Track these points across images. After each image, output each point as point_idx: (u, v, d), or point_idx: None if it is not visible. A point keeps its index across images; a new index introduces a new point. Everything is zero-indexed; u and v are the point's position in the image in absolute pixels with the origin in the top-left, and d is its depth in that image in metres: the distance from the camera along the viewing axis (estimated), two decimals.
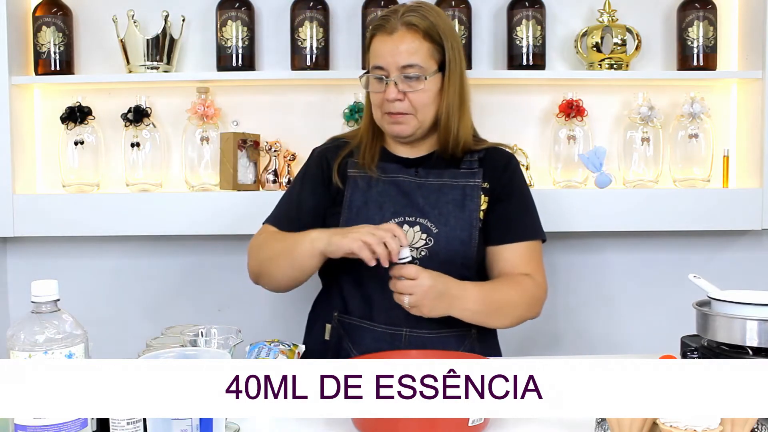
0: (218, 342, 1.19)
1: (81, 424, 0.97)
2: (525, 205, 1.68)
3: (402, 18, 1.55)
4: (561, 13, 2.29)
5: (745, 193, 2.20)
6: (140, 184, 2.21)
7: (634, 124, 2.24)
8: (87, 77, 2.22)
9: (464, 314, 1.52)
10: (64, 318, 0.97)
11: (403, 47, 1.54)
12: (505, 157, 1.69)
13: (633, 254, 2.36)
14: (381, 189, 1.62)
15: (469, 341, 1.62)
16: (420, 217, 1.58)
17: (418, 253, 1.56)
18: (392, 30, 1.56)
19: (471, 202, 1.60)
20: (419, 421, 1.05)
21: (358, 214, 1.59)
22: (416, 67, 1.55)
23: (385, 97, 1.57)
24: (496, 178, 1.64)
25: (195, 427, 0.95)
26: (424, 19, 1.56)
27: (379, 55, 1.57)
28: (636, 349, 2.30)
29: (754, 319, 1.32)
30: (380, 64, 1.57)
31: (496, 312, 1.56)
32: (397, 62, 1.55)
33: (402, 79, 1.55)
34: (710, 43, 2.21)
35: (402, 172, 1.63)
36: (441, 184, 1.62)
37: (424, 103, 1.57)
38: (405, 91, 1.56)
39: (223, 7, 2.19)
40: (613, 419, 1.02)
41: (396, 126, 1.59)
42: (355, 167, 1.65)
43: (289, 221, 1.63)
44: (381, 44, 1.57)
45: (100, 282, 2.32)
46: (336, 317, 1.63)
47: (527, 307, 1.60)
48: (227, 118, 2.26)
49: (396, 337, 1.57)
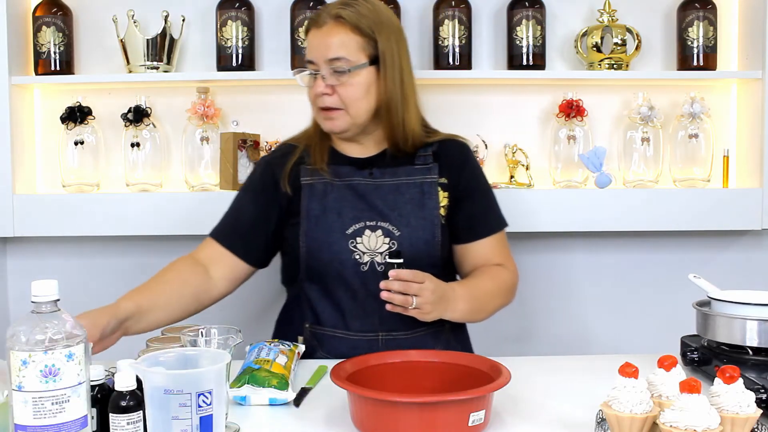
0: (218, 342, 1.19)
1: (81, 424, 0.97)
2: (488, 198, 1.67)
3: (331, 12, 1.54)
4: (561, 13, 2.29)
5: (745, 193, 2.20)
6: (140, 184, 2.21)
7: (634, 124, 2.24)
8: (87, 77, 2.22)
9: (455, 315, 1.51)
10: (64, 318, 0.97)
11: (331, 40, 1.53)
12: (461, 151, 1.66)
13: (633, 254, 2.36)
14: (337, 194, 1.58)
15: (444, 336, 1.62)
16: (381, 220, 1.56)
17: (383, 258, 1.54)
18: (322, 23, 1.55)
19: (430, 200, 1.58)
20: (419, 421, 1.06)
21: (317, 222, 1.56)
22: (343, 60, 1.52)
23: (314, 91, 1.56)
24: (454, 174, 1.62)
25: (195, 427, 0.95)
26: (355, 12, 1.53)
27: (310, 48, 1.57)
28: (636, 349, 2.30)
29: (754, 319, 1.32)
30: (311, 58, 1.56)
31: (481, 308, 1.57)
32: (325, 55, 1.53)
33: (330, 73, 1.53)
34: (710, 43, 2.21)
35: (356, 174, 1.60)
36: (397, 183, 1.59)
37: (354, 97, 1.54)
38: (333, 84, 1.53)
39: (223, 7, 2.19)
40: (613, 419, 1.02)
41: (328, 122, 1.57)
42: (308, 174, 1.61)
43: (227, 235, 1.61)
44: (312, 39, 1.57)
45: (100, 282, 2.32)
46: (308, 329, 1.60)
47: (504, 296, 1.63)
48: (227, 118, 2.26)
49: (372, 343, 1.55)
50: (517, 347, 2.33)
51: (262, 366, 1.29)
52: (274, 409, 1.24)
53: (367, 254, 1.55)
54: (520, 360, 1.49)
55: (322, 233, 1.55)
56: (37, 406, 0.94)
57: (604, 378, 1.16)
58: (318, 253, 1.55)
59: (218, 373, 0.97)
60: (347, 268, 1.54)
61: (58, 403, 0.94)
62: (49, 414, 0.94)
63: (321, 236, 1.55)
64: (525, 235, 2.27)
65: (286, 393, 1.25)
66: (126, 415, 1.02)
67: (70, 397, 0.95)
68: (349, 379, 1.16)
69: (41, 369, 0.93)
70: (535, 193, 2.19)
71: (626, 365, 1.04)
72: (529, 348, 2.33)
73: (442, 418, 1.06)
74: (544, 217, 2.17)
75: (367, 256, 1.55)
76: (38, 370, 0.93)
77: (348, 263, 1.54)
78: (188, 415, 0.95)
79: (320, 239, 1.55)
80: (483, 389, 1.09)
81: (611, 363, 1.18)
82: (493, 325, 2.31)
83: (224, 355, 1.02)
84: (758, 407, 1.01)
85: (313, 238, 1.55)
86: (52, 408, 0.94)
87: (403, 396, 1.08)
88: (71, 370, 0.95)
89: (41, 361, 0.93)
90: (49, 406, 0.94)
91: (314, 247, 1.55)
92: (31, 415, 0.94)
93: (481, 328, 2.20)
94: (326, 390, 1.31)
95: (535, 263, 2.34)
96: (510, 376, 1.14)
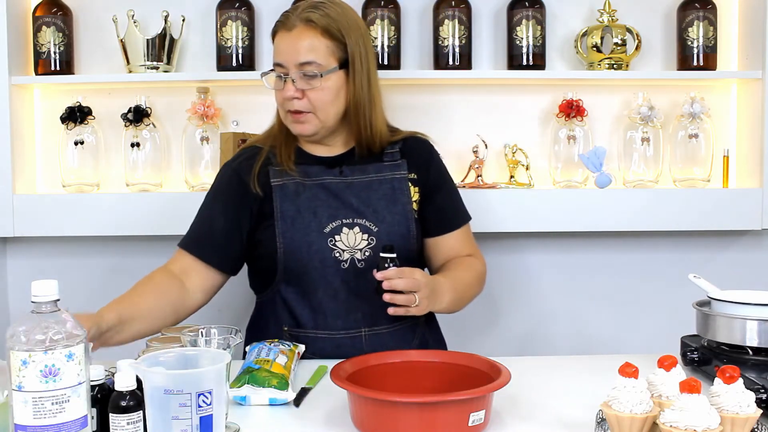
0: (218, 342, 1.19)
1: (81, 424, 0.97)
2: (453, 193, 1.70)
3: (301, 15, 1.52)
4: (561, 13, 2.29)
5: (745, 193, 2.20)
6: (140, 184, 2.21)
7: (634, 124, 2.24)
8: (87, 77, 2.22)
9: (441, 307, 1.53)
10: (64, 318, 0.97)
11: (301, 44, 1.51)
12: (426, 148, 1.69)
13: (633, 254, 2.36)
14: (310, 194, 1.57)
15: (420, 330, 1.64)
16: (357, 217, 1.56)
17: (362, 254, 1.55)
18: (291, 26, 1.52)
19: (402, 195, 1.60)
20: (419, 421, 1.06)
21: (293, 223, 1.55)
22: (314, 65, 1.51)
23: (282, 95, 1.55)
24: (422, 170, 1.64)
25: (195, 427, 0.95)
26: (324, 15, 1.52)
27: (279, 51, 1.55)
28: (636, 348, 2.30)
29: (754, 319, 1.32)
30: (279, 61, 1.54)
31: (461, 298, 1.59)
32: (295, 59, 1.51)
33: (300, 77, 1.51)
34: (710, 43, 2.21)
35: (326, 173, 1.59)
36: (369, 180, 1.60)
37: (324, 101, 1.53)
38: (303, 88, 1.52)
39: (223, 7, 2.19)
40: (613, 419, 1.02)
41: (297, 125, 1.56)
42: (277, 175, 1.59)
43: (201, 245, 1.59)
44: (280, 41, 1.55)
45: (100, 282, 2.32)
46: (286, 332, 1.59)
47: (479, 285, 1.67)
48: (227, 118, 2.26)
49: (356, 340, 1.56)
50: (517, 347, 2.33)
51: (262, 366, 1.29)
52: (274, 409, 1.24)
53: (347, 251, 1.55)
54: (520, 360, 1.49)
55: (299, 233, 1.54)
56: (37, 406, 0.94)
57: (604, 378, 1.16)
58: (297, 254, 1.54)
59: (218, 373, 0.97)
60: (327, 266, 1.54)
61: (58, 403, 0.94)
62: (49, 414, 0.94)
63: (298, 236, 1.54)
64: (525, 235, 2.28)
65: (286, 393, 1.25)
66: (126, 415, 1.02)
67: (70, 397, 0.95)
68: (349, 379, 1.16)
69: (41, 369, 0.93)
70: (535, 193, 2.19)
71: (626, 365, 1.04)
72: (529, 348, 2.33)
73: (442, 418, 1.06)
74: (544, 217, 2.17)
75: (347, 254, 1.55)
76: (38, 370, 0.93)
77: (328, 261, 1.54)
78: (188, 415, 0.95)
79: (298, 239, 1.54)
80: (483, 389, 1.09)
81: (611, 363, 1.18)
82: (494, 325, 2.32)
83: (224, 355, 1.02)
84: (758, 407, 1.01)
85: (291, 239, 1.54)
86: (52, 408, 0.94)
87: (403, 396, 1.08)
88: (71, 370, 0.95)
89: (41, 361, 0.93)
90: (49, 406, 0.94)
91: (292, 248, 1.54)
92: (31, 415, 0.94)
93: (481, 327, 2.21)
94: (326, 390, 1.31)
95: (535, 263, 2.34)
96: (510, 376, 1.14)
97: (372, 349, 1.47)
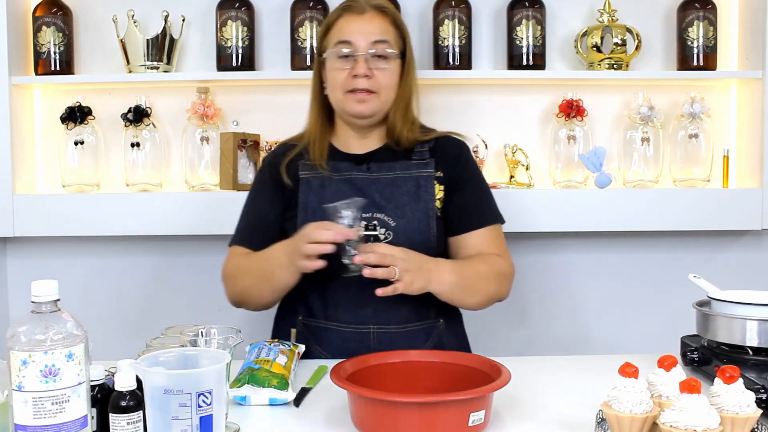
0: (218, 342, 1.19)
1: (81, 424, 0.97)
2: (481, 192, 1.67)
3: (370, 2, 1.60)
4: (561, 13, 2.29)
5: (745, 193, 2.20)
6: (140, 184, 2.21)
7: (634, 124, 2.24)
8: (87, 77, 2.22)
9: (442, 287, 1.48)
10: (64, 318, 0.97)
11: (374, 26, 1.58)
12: (457, 146, 1.68)
13: (633, 254, 2.36)
14: (335, 188, 1.60)
15: (437, 333, 1.61)
16: (377, 212, 1.57)
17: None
18: (362, 11, 1.59)
19: (426, 193, 1.59)
20: (419, 421, 1.06)
21: (314, 214, 1.57)
22: (387, 44, 1.57)
23: (354, 72, 1.56)
24: (449, 167, 1.64)
25: (195, 427, 0.95)
26: (391, 7, 1.62)
27: (348, 31, 1.58)
28: (636, 349, 2.30)
29: (754, 319, 1.32)
30: (348, 39, 1.57)
31: (471, 286, 1.54)
32: (368, 38, 1.56)
33: (370, 57, 1.56)
34: (710, 43, 2.21)
35: (354, 169, 1.62)
36: (394, 177, 1.61)
37: (389, 83, 1.58)
38: (373, 68, 1.57)
39: (223, 7, 2.19)
40: (613, 419, 1.02)
41: (360, 104, 1.58)
42: (306, 168, 1.63)
43: (255, 239, 1.62)
44: (349, 23, 1.59)
45: (100, 282, 2.32)
46: (300, 321, 1.62)
47: (498, 281, 1.58)
48: (227, 118, 2.26)
49: (364, 336, 1.56)
50: (518, 347, 2.33)
51: (262, 366, 1.29)
52: (274, 409, 1.24)
53: None
54: (520, 360, 1.49)
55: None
56: (37, 406, 0.94)
57: (604, 378, 1.16)
58: None
59: (218, 373, 0.97)
60: None
61: (58, 403, 0.94)
62: (49, 414, 0.94)
63: None
64: (525, 235, 2.27)
65: (286, 393, 1.25)
66: (126, 415, 1.02)
67: (70, 397, 0.95)
68: (349, 379, 1.16)
69: (41, 369, 0.93)
70: (535, 193, 2.19)
71: (626, 365, 1.04)
72: (529, 348, 2.33)
73: (442, 418, 1.06)
74: (544, 217, 2.17)
75: None
76: (38, 370, 0.93)
77: None
78: (188, 415, 0.94)
79: None
80: (483, 389, 1.08)
81: (611, 363, 1.18)
82: (494, 325, 2.32)
83: (224, 355, 1.02)
84: (758, 407, 1.01)
85: None
86: (52, 408, 0.94)
87: (403, 396, 1.08)
88: (71, 370, 0.95)
89: (41, 361, 0.93)
90: (49, 406, 0.94)
91: None
92: (31, 415, 0.94)
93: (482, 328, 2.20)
94: (326, 390, 1.31)
95: (535, 263, 2.34)
96: (510, 376, 1.13)
97: (379, 347, 1.47)
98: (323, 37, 1.63)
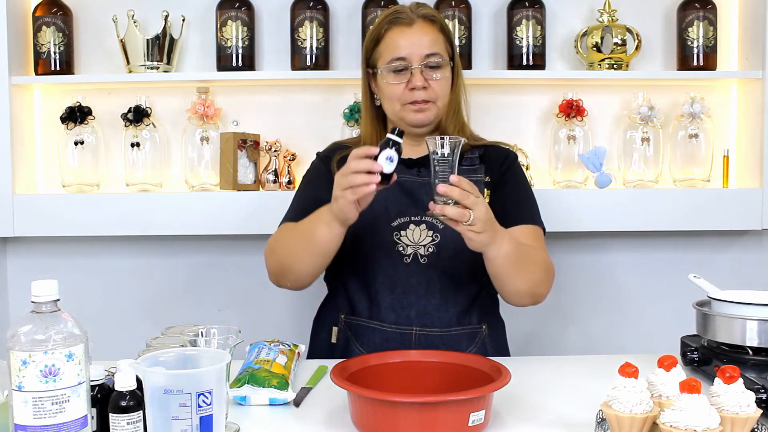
0: (218, 342, 1.19)
1: (81, 424, 0.97)
2: (522, 193, 1.67)
3: (418, 11, 1.62)
4: (561, 13, 2.29)
5: (745, 193, 2.20)
6: (140, 184, 2.21)
7: (634, 124, 2.24)
8: (87, 77, 2.22)
9: (499, 253, 1.42)
10: (64, 318, 0.97)
11: (425, 38, 1.59)
12: (504, 152, 1.71)
13: (633, 254, 2.36)
14: (384, 190, 1.59)
15: (480, 339, 1.61)
16: (425, 215, 1.58)
17: (426, 251, 1.57)
18: (411, 22, 1.60)
19: None
20: (419, 421, 1.06)
21: (363, 214, 1.53)
22: (438, 56, 1.59)
23: (411, 85, 1.58)
24: (496, 171, 1.66)
25: (195, 427, 0.95)
26: (437, 14, 1.64)
27: (400, 46, 1.59)
28: (636, 348, 2.30)
29: (754, 319, 1.32)
30: (402, 55, 1.59)
31: (523, 261, 1.48)
32: (421, 51, 1.58)
33: (425, 68, 1.59)
34: (710, 43, 2.21)
35: (405, 172, 1.63)
36: None
37: (445, 90, 1.62)
38: (428, 78, 1.59)
39: (223, 7, 2.19)
40: (613, 419, 1.02)
41: (419, 114, 1.60)
42: None
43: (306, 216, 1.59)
44: (400, 36, 1.60)
45: (100, 282, 2.32)
46: (343, 319, 1.63)
47: (545, 272, 1.55)
48: (227, 118, 2.26)
49: (406, 337, 1.56)
50: (518, 347, 2.32)
51: (262, 366, 1.29)
52: (274, 409, 1.24)
53: (411, 247, 1.57)
54: (520, 360, 1.49)
55: (368, 221, 1.55)
56: (37, 406, 0.94)
57: (604, 378, 1.16)
58: (362, 242, 1.58)
59: (218, 373, 0.97)
60: (390, 258, 1.57)
61: (58, 403, 0.94)
62: (49, 414, 0.94)
63: (367, 224, 1.55)
64: None
65: (286, 393, 1.25)
66: (126, 415, 1.02)
67: (70, 397, 0.95)
68: (349, 379, 1.16)
69: (41, 369, 0.93)
70: (535, 193, 2.18)
71: (626, 365, 1.04)
72: (529, 348, 2.33)
73: (442, 418, 1.06)
74: (544, 217, 2.16)
75: (410, 249, 1.57)
76: (38, 370, 0.93)
77: (392, 254, 1.57)
78: (188, 415, 0.94)
79: (366, 227, 1.56)
80: (483, 389, 1.08)
81: (611, 363, 1.18)
82: None
83: (224, 355, 1.02)
84: (758, 407, 1.01)
85: (360, 226, 1.52)
86: (52, 408, 0.94)
87: (403, 396, 1.08)
88: (71, 370, 0.95)
89: (41, 361, 0.93)
90: (49, 406, 0.94)
91: (360, 234, 1.57)
92: (31, 415, 0.94)
93: None
94: (326, 390, 1.31)
95: None
96: (510, 376, 1.14)
97: (421, 349, 1.46)
98: (372, 50, 1.64)
